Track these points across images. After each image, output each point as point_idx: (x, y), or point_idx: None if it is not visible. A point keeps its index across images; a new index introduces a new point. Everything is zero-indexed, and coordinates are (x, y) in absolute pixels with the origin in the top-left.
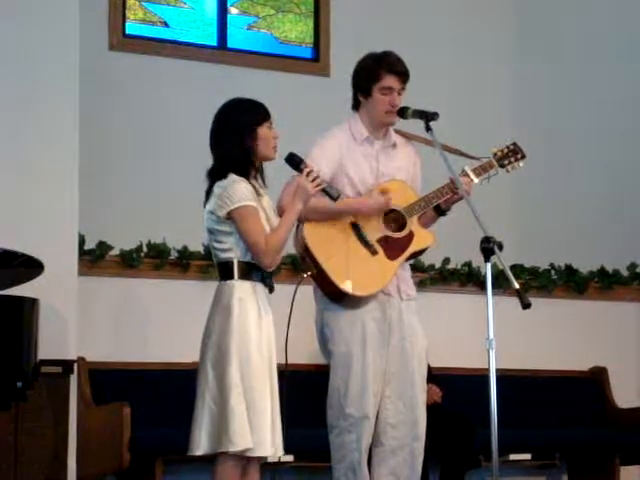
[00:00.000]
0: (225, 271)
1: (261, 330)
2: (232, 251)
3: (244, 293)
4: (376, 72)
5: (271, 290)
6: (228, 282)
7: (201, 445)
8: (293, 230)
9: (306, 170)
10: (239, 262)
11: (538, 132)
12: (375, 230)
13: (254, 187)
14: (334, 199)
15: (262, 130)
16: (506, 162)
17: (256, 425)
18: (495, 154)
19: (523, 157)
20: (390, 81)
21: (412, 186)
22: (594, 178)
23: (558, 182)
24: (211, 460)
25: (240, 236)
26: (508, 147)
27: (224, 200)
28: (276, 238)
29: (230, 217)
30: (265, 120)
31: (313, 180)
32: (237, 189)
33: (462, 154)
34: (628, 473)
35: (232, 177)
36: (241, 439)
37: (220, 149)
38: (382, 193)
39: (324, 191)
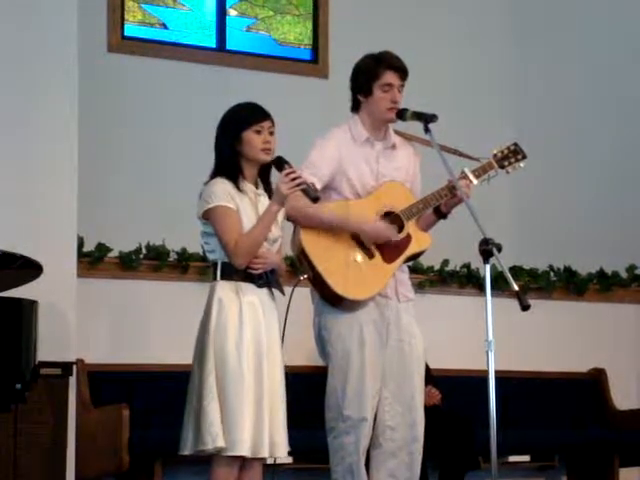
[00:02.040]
0: (213, 272)
1: (242, 331)
2: (216, 252)
3: (224, 294)
4: (375, 70)
5: (280, 291)
6: (212, 283)
7: (187, 445)
8: (291, 232)
9: (284, 172)
10: (222, 262)
11: (537, 134)
12: None
13: (240, 189)
14: (313, 200)
15: (247, 134)
16: (506, 163)
17: (231, 425)
18: (495, 155)
19: (524, 157)
20: (390, 77)
21: (412, 187)
22: (593, 179)
23: (557, 184)
24: (209, 461)
25: (216, 236)
26: (508, 148)
27: (202, 201)
28: (247, 239)
29: (207, 217)
30: (252, 124)
31: (292, 180)
32: (213, 190)
33: (461, 155)
34: (627, 475)
35: (215, 179)
36: (210, 438)
37: (215, 153)
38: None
39: (303, 192)
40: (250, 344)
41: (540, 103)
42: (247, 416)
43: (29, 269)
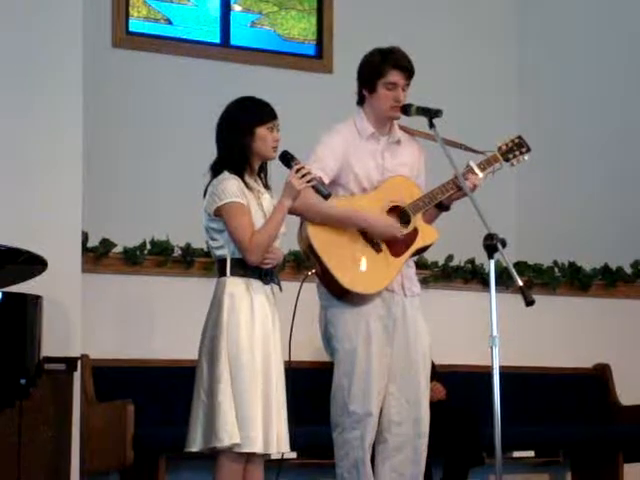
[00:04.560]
0: (220, 268)
1: (254, 326)
2: (225, 248)
3: (235, 289)
4: (381, 68)
5: (279, 287)
6: (221, 279)
7: (196, 441)
8: (297, 227)
9: (295, 167)
10: (232, 259)
11: (542, 129)
12: None
13: (248, 185)
14: (325, 197)
15: (261, 131)
16: (511, 156)
17: (245, 421)
18: (500, 148)
19: (528, 150)
20: (394, 77)
21: (417, 182)
22: (598, 175)
23: (562, 179)
24: (214, 457)
25: (228, 233)
26: (513, 141)
27: (213, 197)
28: (261, 236)
29: (218, 214)
30: (266, 121)
31: (303, 177)
32: (225, 186)
33: (467, 149)
34: (632, 470)
35: (224, 174)
36: (226, 435)
37: (220, 146)
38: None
39: (315, 188)
40: (260, 340)
41: (543, 99)
42: (259, 412)
43: (34, 264)
